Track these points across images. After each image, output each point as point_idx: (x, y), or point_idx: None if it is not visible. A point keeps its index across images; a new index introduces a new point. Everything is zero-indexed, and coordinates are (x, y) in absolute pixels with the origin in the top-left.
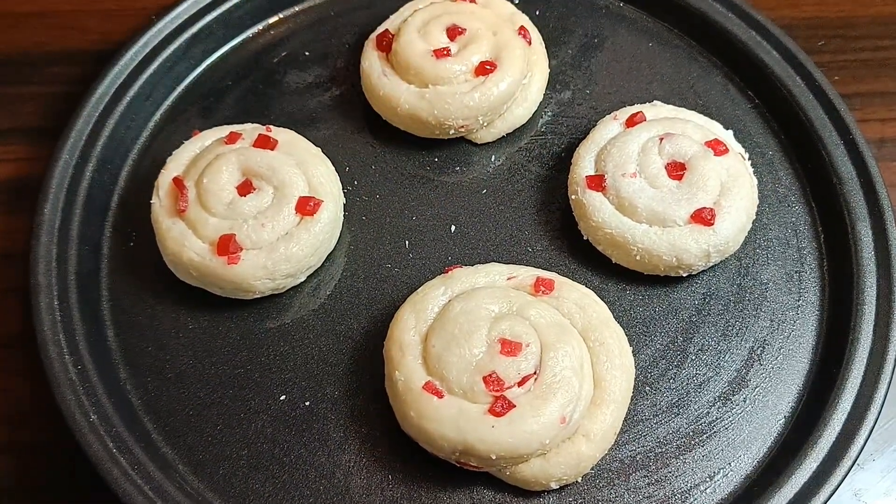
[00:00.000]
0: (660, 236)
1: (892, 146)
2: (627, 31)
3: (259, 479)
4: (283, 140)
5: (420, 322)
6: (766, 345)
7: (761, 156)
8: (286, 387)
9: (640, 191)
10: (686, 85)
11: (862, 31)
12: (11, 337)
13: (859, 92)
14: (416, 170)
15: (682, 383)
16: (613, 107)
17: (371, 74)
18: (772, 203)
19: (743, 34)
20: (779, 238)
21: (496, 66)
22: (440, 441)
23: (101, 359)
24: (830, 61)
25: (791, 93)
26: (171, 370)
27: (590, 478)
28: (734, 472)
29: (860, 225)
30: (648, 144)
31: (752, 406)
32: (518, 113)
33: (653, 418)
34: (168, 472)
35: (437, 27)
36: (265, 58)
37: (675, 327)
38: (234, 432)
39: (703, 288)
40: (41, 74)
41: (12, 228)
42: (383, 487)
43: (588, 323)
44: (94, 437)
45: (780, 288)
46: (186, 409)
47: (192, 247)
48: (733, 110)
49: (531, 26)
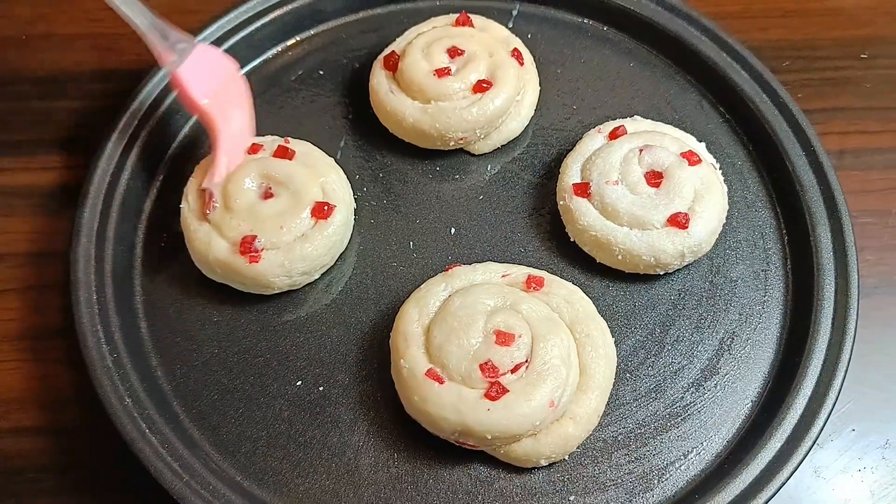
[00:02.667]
0: (639, 238)
1: (850, 157)
2: (611, 52)
3: (277, 456)
4: (300, 151)
5: (423, 315)
6: (734, 336)
7: (731, 166)
8: (301, 373)
9: (622, 197)
10: (663, 101)
11: (823, 53)
12: (54, 329)
13: (820, 108)
14: (420, 178)
15: (660, 371)
16: (598, 121)
17: (379, 91)
18: (741, 208)
19: (715, 55)
20: (747, 240)
21: (492, 84)
22: (441, 423)
23: (134, 348)
24: (794, 80)
25: (758, 108)
26: (198, 358)
27: (576, 456)
28: (706, 451)
29: (820, 228)
30: (629, 155)
31: (722, 391)
32: (512, 126)
33: (633, 402)
34: (195, 451)
35: (439, 49)
36: (284, 76)
37: (653, 320)
38: (254, 415)
39: (678, 285)
40: (81, 90)
41: (54, 230)
42: (389, 465)
43: (575, 316)
44: (127, 419)
45: (748, 285)
46: (211, 393)
47: (217, 247)
48: (706, 124)
49: (524, 48)
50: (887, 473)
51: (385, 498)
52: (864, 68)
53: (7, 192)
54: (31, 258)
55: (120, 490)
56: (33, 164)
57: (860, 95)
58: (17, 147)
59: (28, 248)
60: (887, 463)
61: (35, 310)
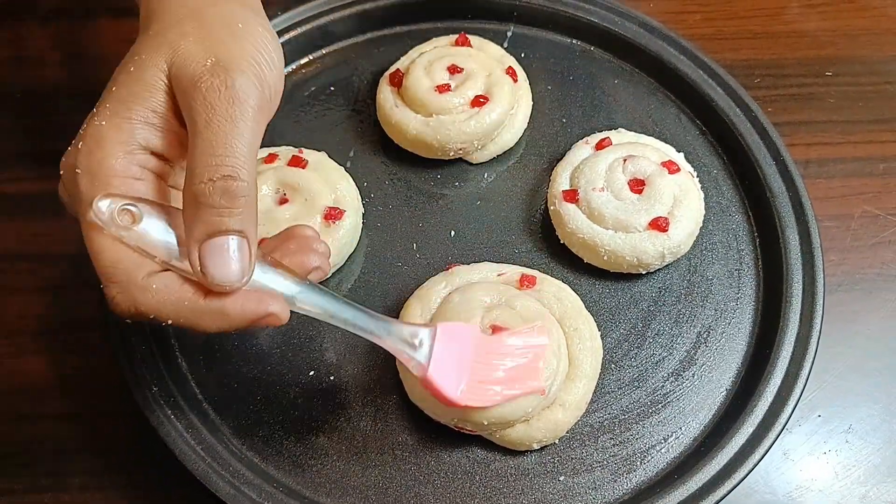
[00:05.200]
0: (623, 240)
1: (815, 166)
2: (597, 70)
3: (291, 440)
4: (313, 160)
5: (425, 311)
6: (710, 330)
7: (707, 174)
8: (314, 364)
9: (607, 203)
10: (645, 115)
11: (790, 71)
12: (87, 323)
13: (788, 121)
14: (422, 185)
15: (642, 362)
16: (585, 133)
17: (385, 106)
18: (716, 213)
19: (692, 73)
20: (722, 242)
21: (488, 99)
22: (441, 409)
23: (160, 340)
24: (764, 96)
25: (732, 122)
26: (219, 350)
27: (565, 440)
28: (685, 435)
29: (789, 231)
30: (614, 164)
31: (699, 381)
32: (506, 138)
33: (617, 391)
34: (216, 435)
35: (440, 67)
36: (297, 92)
37: (635, 315)
38: (270, 402)
39: (658, 283)
40: None
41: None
42: (394, 447)
43: (564, 312)
44: (155, 406)
45: (723, 283)
46: (231, 382)
47: None
48: (684, 136)
49: (518, 66)
50: (850, 456)
51: (390, 477)
52: (826, 85)
53: (44, 198)
54: (65, 258)
55: (148, 470)
56: None
57: (824, 110)
58: (53, 157)
59: (63, 249)
60: (850, 446)
61: (70, 306)
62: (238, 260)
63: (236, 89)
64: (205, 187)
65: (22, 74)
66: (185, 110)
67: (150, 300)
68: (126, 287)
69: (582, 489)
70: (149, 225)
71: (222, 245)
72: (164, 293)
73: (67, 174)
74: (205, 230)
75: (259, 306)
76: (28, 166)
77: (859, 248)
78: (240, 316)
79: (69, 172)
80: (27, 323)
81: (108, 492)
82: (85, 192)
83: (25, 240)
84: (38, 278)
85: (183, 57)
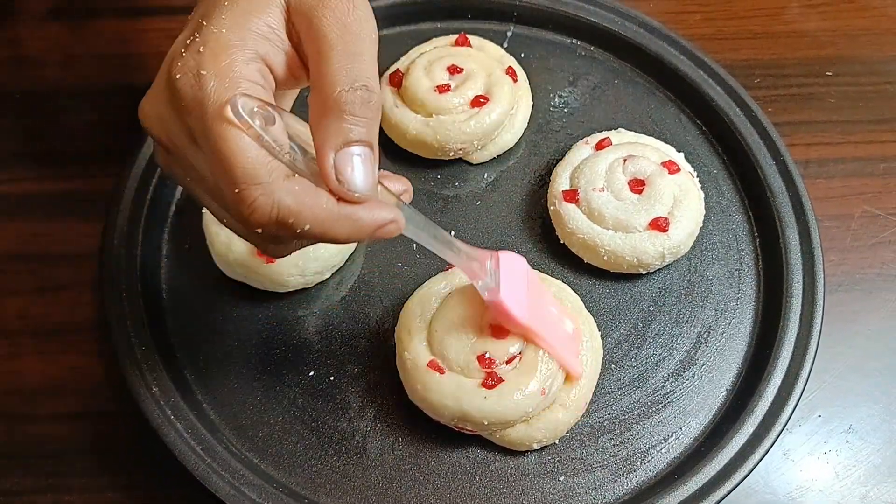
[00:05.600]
0: (623, 241)
1: (815, 166)
2: (597, 70)
3: (291, 440)
4: None
5: (425, 311)
6: (711, 330)
7: (707, 174)
8: (314, 364)
9: (607, 203)
10: (645, 115)
11: (790, 71)
12: (86, 324)
13: (788, 121)
14: (422, 185)
15: (642, 362)
16: (585, 133)
17: (385, 106)
18: (716, 213)
19: (692, 73)
20: (722, 242)
21: (488, 99)
22: (441, 409)
23: (160, 341)
24: (765, 95)
25: (732, 122)
26: (219, 350)
27: (565, 440)
28: (685, 436)
29: (789, 231)
30: (614, 164)
31: (699, 381)
32: (506, 138)
33: (617, 391)
34: (216, 435)
35: (440, 67)
36: (300, 92)
37: (635, 316)
38: (270, 402)
39: (659, 283)
40: (110, 106)
41: (87, 233)
42: (394, 447)
43: (564, 312)
44: (154, 406)
45: (723, 283)
46: (231, 382)
47: (237, 248)
48: (684, 136)
49: (517, 66)
50: (850, 456)
51: (390, 478)
52: (826, 85)
53: (44, 198)
54: (65, 259)
55: (148, 471)
56: (67, 173)
57: (824, 110)
58: (53, 157)
59: (63, 249)
60: (850, 446)
61: (70, 306)
62: (369, 170)
63: (362, 11)
64: (346, 94)
65: (22, 74)
66: (313, 26)
67: (292, 202)
68: (269, 187)
69: (582, 489)
70: (280, 128)
71: (357, 153)
72: (305, 196)
73: (188, 78)
74: (342, 138)
75: (387, 214)
76: (28, 166)
77: (859, 248)
78: (370, 223)
79: (191, 76)
80: (27, 323)
81: (108, 492)
82: (215, 94)
83: (25, 240)
84: (38, 279)
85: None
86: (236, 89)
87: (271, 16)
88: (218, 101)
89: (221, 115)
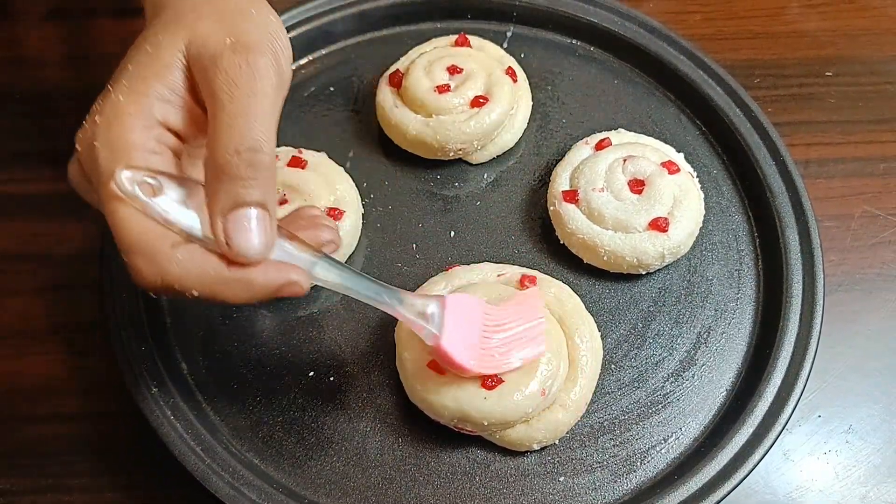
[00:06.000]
0: (623, 241)
1: (815, 166)
2: (597, 70)
3: (291, 441)
4: (312, 161)
5: None
6: (710, 330)
7: (707, 174)
8: (314, 365)
9: (607, 203)
10: (645, 115)
11: (790, 71)
12: (86, 324)
13: (788, 121)
14: (422, 185)
15: (642, 362)
16: (585, 133)
17: (384, 106)
18: (716, 213)
19: (692, 73)
20: (722, 242)
21: (488, 99)
22: (441, 410)
23: (160, 341)
24: (764, 95)
25: (732, 122)
26: (219, 351)
27: (565, 440)
28: (685, 436)
29: (789, 231)
30: (614, 164)
31: (699, 381)
32: (506, 138)
33: (617, 391)
34: (216, 436)
35: (440, 67)
36: (297, 92)
37: (635, 316)
38: (270, 403)
39: (658, 284)
40: None
41: (87, 233)
42: (394, 448)
43: (564, 312)
44: (154, 406)
45: (723, 283)
46: (231, 383)
47: None
48: (684, 136)
49: (517, 66)
50: (850, 456)
51: (390, 478)
52: (826, 85)
53: (44, 198)
54: (65, 259)
55: (148, 471)
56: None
57: (824, 110)
58: (53, 157)
59: (63, 249)
60: (850, 446)
61: (70, 306)
62: (262, 231)
63: (258, 67)
64: (231, 158)
65: (22, 74)
66: (206, 87)
67: (176, 270)
68: (152, 258)
69: (582, 490)
70: (169, 197)
71: (247, 216)
72: (190, 263)
73: (85, 149)
74: (230, 201)
75: (283, 275)
76: (28, 166)
77: (859, 248)
78: (264, 286)
79: (86, 147)
80: (27, 324)
81: (108, 492)
82: (104, 165)
83: (25, 240)
84: (38, 279)
85: (202, 37)
86: (124, 160)
87: (172, 77)
88: (107, 173)
89: (108, 188)
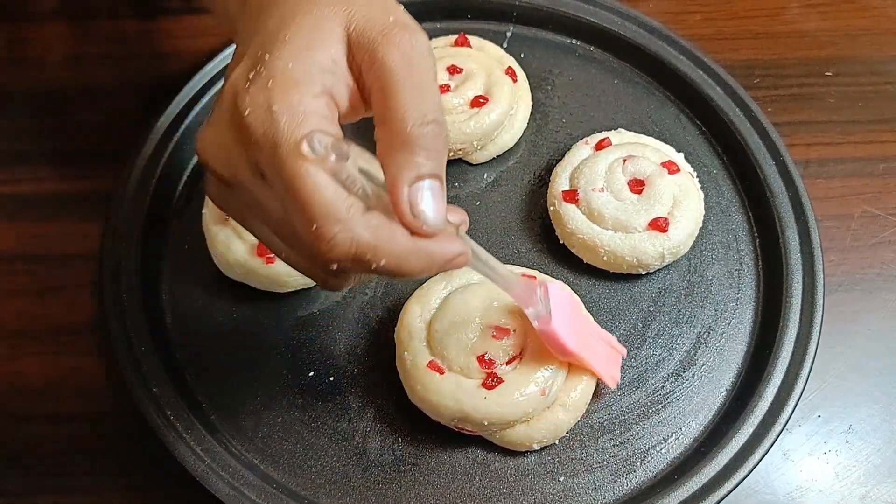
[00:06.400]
0: (623, 241)
1: (815, 166)
2: (596, 70)
3: (291, 441)
4: None
5: (425, 311)
6: (710, 330)
7: (707, 174)
8: (314, 365)
9: (607, 203)
10: (645, 115)
11: (790, 71)
12: (86, 324)
13: (788, 121)
14: None
15: (642, 362)
16: (585, 133)
17: None
18: (716, 213)
19: (692, 73)
20: (722, 242)
21: (488, 99)
22: (441, 410)
23: (159, 341)
24: (764, 95)
25: (732, 122)
26: (219, 350)
27: (565, 440)
28: (685, 436)
29: (789, 231)
30: (614, 164)
31: (699, 381)
32: (506, 138)
33: (617, 391)
34: (216, 436)
35: (440, 67)
36: None
37: (635, 316)
38: (270, 403)
39: (658, 284)
40: (112, 106)
41: (87, 233)
42: (394, 448)
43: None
44: (154, 407)
45: (723, 283)
46: (231, 382)
47: (237, 249)
48: (684, 136)
49: (517, 67)
50: (850, 456)
51: (390, 478)
52: (826, 85)
53: (44, 198)
54: (65, 259)
55: (148, 471)
56: (67, 173)
57: (824, 110)
58: (53, 157)
59: (63, 249)
60: (850, 446)
61: (70, 306)
62: (441, 202)
63: (423, 43)
64: (418, 129)
65: (23, 74)
66: (374, 62)
67: (370, 238)
68: (348, 223)
69: (582, 490)
70: (352, 163)
71: (430, 187)
72: (382, 231)
73: (260, 114)
74: (414, 172)
75: (455, 247)
76: (28, 166)
77: (859, 248)
78: (441, 256)
79: (263, 112)
80: (26, 324)
81: (107, 493)
82: (287, 130)
83: (25, 241)
84: (38, 279)
85: (364, 13)
86: (310, 125)
87: (334, 49)
88: (292, 138)
89: (297, 152)
